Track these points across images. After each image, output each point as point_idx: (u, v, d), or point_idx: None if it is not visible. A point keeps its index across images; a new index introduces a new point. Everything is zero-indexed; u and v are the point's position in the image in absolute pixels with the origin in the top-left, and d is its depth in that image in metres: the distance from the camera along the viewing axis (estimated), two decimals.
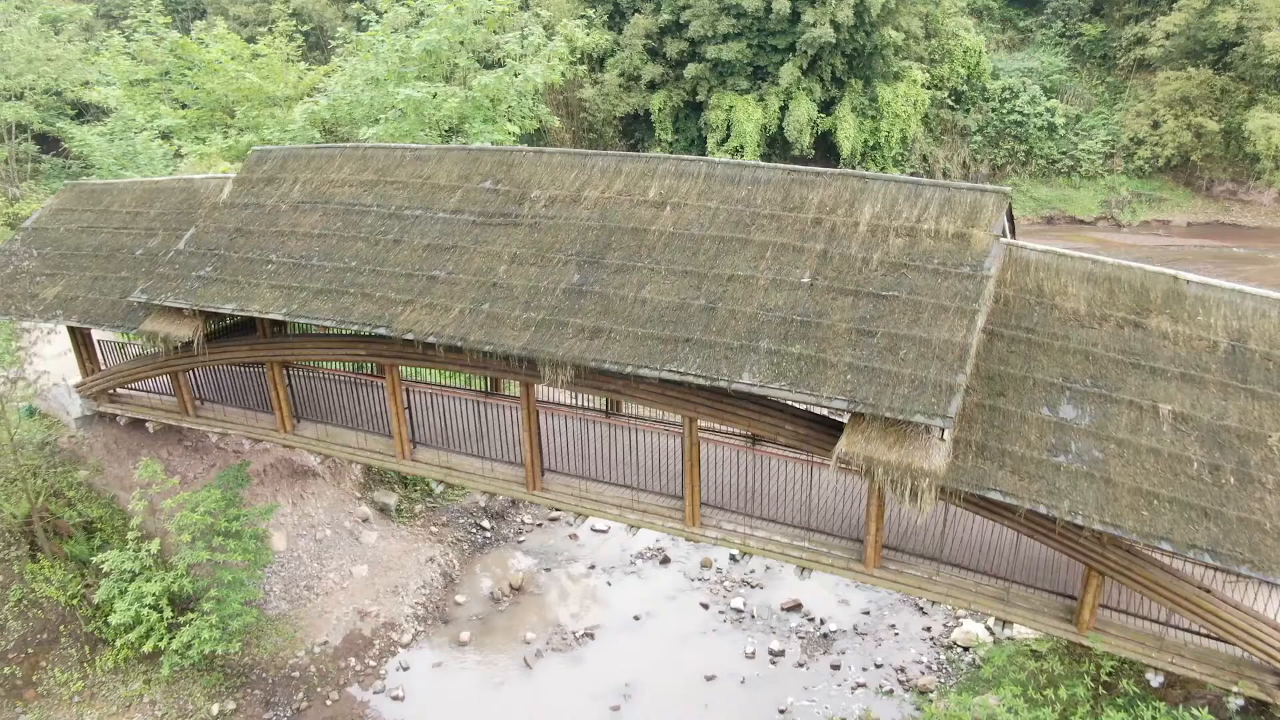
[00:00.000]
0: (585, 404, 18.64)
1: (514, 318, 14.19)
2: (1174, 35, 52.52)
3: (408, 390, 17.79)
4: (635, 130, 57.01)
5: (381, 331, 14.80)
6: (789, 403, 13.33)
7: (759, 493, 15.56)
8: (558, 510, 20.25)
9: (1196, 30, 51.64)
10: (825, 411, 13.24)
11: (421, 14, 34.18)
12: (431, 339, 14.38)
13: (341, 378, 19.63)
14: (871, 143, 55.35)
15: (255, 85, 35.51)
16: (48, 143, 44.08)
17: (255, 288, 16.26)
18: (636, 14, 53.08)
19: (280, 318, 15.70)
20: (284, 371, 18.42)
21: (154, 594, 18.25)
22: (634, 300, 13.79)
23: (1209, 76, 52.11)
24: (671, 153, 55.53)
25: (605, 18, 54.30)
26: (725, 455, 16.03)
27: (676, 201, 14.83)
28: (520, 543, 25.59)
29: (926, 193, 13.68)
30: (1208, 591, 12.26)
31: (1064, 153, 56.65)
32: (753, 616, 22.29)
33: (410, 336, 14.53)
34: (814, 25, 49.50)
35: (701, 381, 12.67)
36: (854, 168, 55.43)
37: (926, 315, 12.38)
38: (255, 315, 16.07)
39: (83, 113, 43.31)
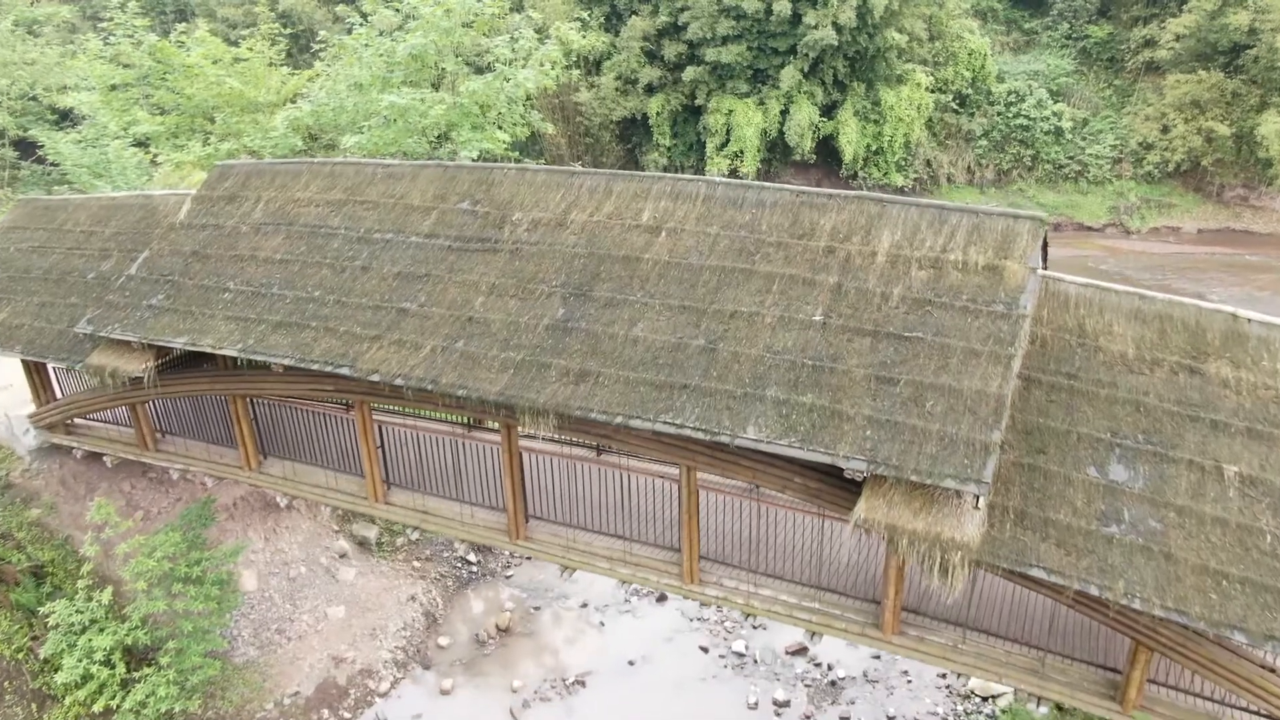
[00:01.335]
0: (573, 442, 17.15)
1: (491, 358, 12.73)
2: (1184, 37, 50.95)
3: (380, 427, 16.32)
4: (633, 135, 55.48)
5: (345, 372, 13.34)
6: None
7: (764, 545, 14.10)
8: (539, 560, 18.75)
9: (1207, 32, 50.10)
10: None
11: (408, 17, 32.68)
12: (399, 381, 12.91)
13: (311, 410, 18.16)
14: (874, 147, 53.84)
15: (236, 90, 33.92)
16: (29, 149, 42.52)
17: (210, 319, 14.79)
18: (634, 16, 51.56)
19: (234, 353, 14.24)
20: (249, 404, 16.98)
21: (105, 648, 16.81)
22: (625, 339, 12.33)
23: (1220, 80, 50.60)
24: (670, 157, 54.07)
25: (601, 20, 52.75)
26: (727, 503, 14.56)
27: (673, 226, 13.36)
28: (508, 577, 24.13)
29: (952, 218, 12.21)
30: (1272, 671, 10.86)
31: (1071, 157, 55.17)
32: (755, 661, 20.86)
33: (376, 378, 13.07)
34: (815, 27, 48.01)
35: (701, 435, 11.22)
36: (856, 173, 53.95)
37: (955, 360, 10.93)
38: (208, 350, 14.61)
39: (65, 117, 41.74)
